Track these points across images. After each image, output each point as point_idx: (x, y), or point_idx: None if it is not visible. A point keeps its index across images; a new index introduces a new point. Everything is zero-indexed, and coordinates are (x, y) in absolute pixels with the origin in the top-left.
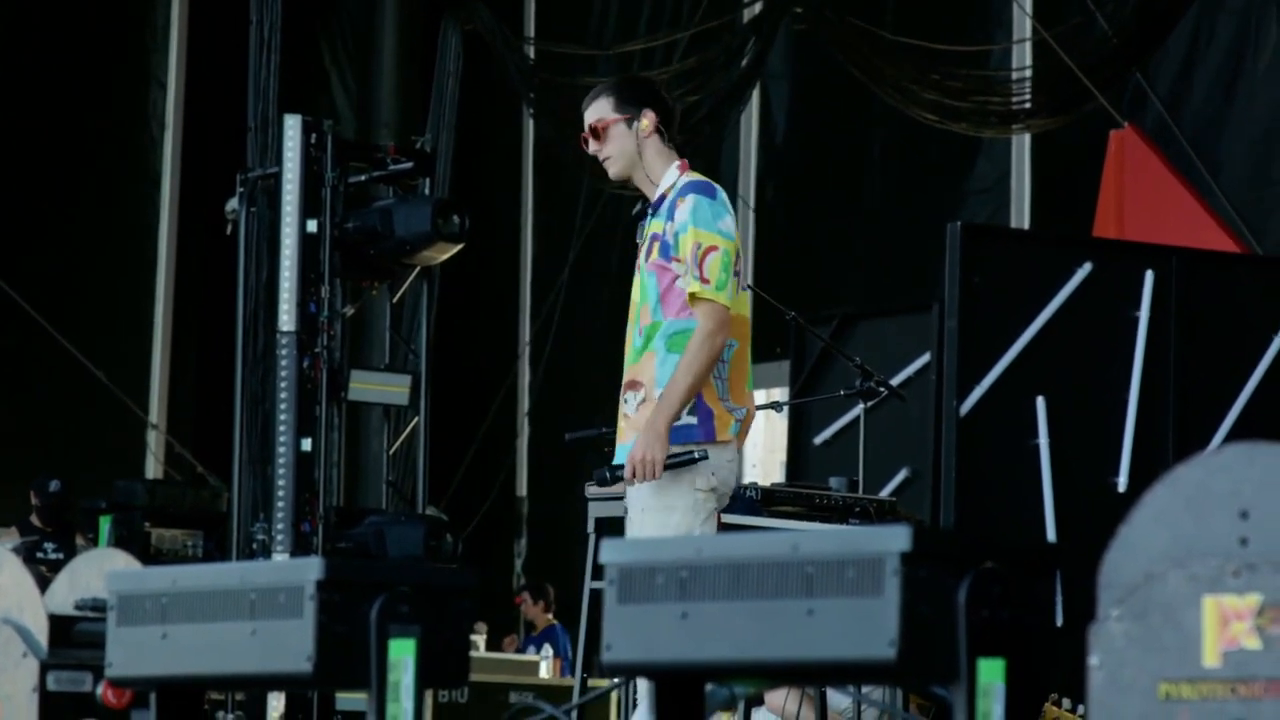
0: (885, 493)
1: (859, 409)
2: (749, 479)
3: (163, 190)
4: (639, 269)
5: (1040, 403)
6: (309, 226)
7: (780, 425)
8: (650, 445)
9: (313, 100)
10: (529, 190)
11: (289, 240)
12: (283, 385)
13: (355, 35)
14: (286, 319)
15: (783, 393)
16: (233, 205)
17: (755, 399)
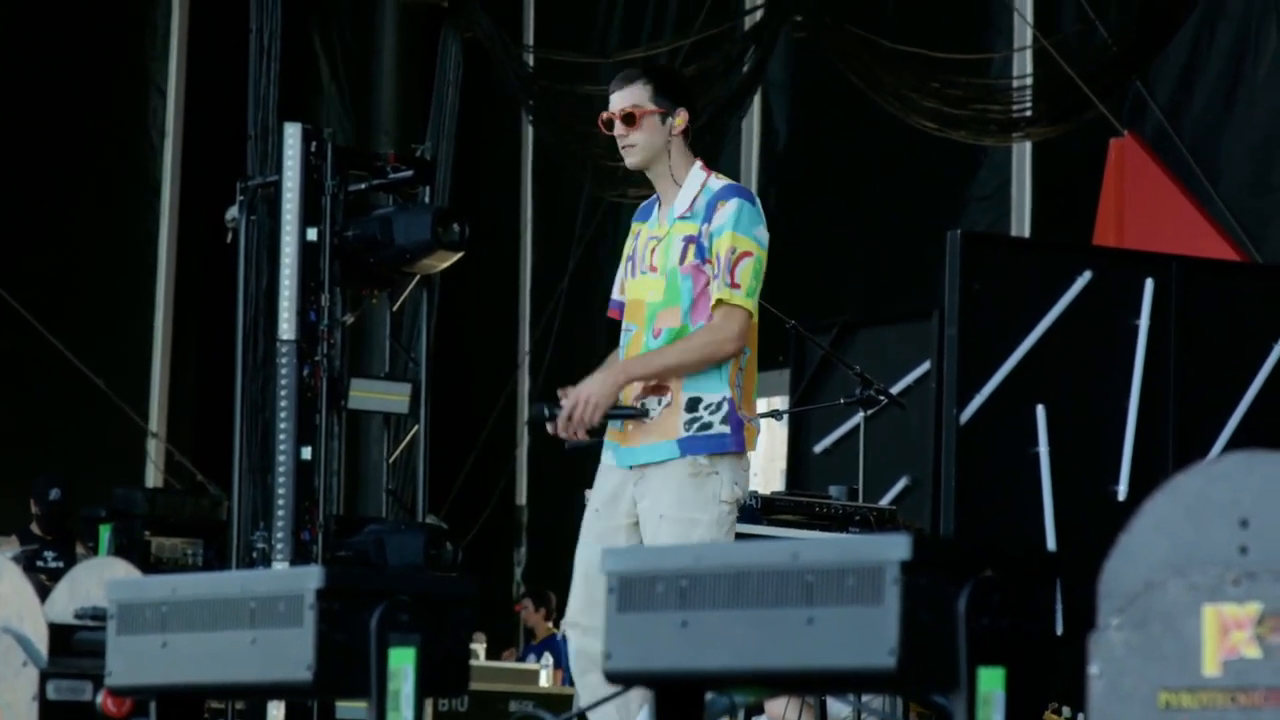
0: (885, 501)
1: (859, 417)
2: (749, 487)
3: (163, 198)
4: (654, 270)
5: (1040, 411)
6: (309, 235)
7: (780, 433)
8: (600, 390)
9: (312, 108)
10: (528, 198)
11: (289, 248)
12: (283, 393)
13: (355, 42)
14: (286, 327)
15: (783, 401)
16: (232, 213)
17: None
